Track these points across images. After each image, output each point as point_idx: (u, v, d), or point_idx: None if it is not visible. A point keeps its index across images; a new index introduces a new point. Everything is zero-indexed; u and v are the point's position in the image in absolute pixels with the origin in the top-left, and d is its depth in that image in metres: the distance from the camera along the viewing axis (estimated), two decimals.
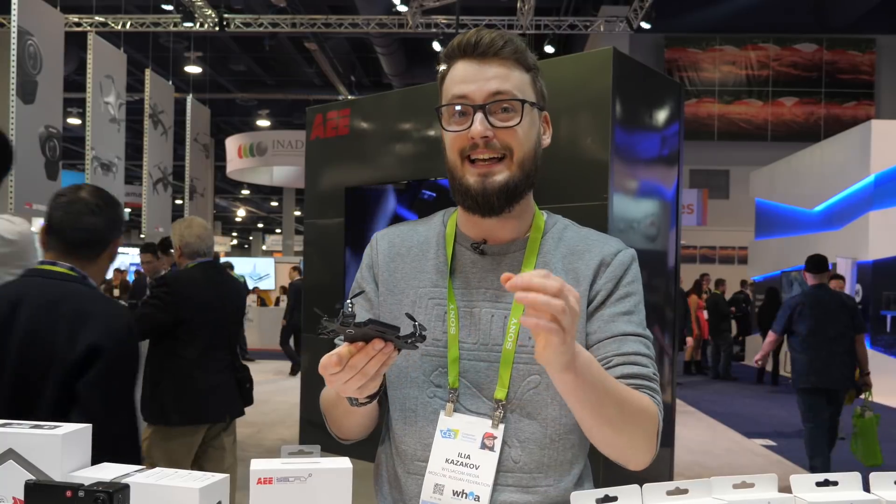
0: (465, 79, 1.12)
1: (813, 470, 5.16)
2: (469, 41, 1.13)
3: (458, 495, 1.09)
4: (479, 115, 1.10)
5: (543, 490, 1.11)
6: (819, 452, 5.05)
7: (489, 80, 1.11)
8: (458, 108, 1.12)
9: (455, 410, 1.12)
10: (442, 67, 1.18)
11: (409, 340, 0.94)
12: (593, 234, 1.22)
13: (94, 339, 1.66)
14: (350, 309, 0.90)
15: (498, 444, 1.10)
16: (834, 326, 5.02)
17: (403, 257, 1.23)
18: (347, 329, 0.89)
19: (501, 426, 1.11)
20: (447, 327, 1.15)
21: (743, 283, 13.57)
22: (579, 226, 1.25)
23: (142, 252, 5.49)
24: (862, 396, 5.08)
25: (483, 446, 1.10)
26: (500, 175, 1.11)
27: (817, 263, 5.19)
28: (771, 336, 5.39)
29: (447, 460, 1.11)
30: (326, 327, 0.90)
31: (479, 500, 1.08)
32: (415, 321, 0.96)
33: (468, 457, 1.10)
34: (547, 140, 1.21)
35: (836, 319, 5.04)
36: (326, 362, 0.93)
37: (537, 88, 1.17)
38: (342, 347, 0.93)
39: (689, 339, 10.99)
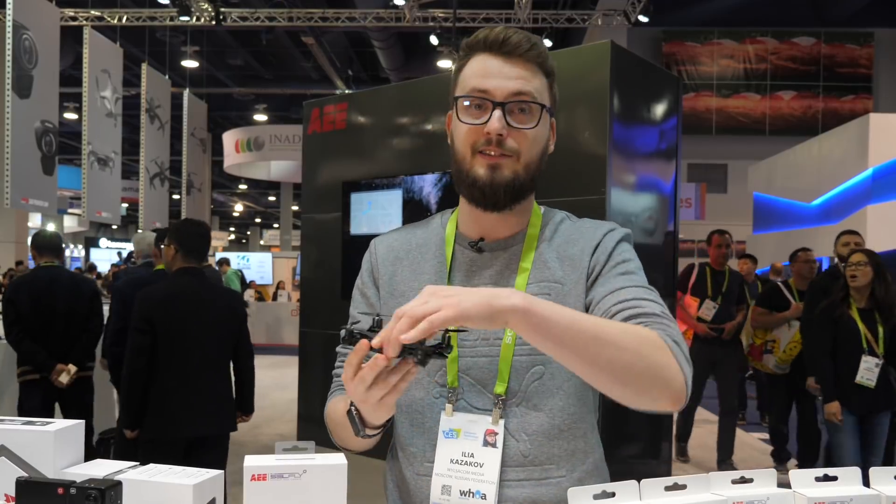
0: (487, 73, 1.11)
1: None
2: (497, 37, 1.11)
3: (465, 495, 1.08)
4: (497, 112, 1.09)
5: (556, 481, 1.10)
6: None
7: (512, 80, 1.11)
8: (477, 101, 1.11)
9: (458, 409, 1.12)
10: (460, 58, 1.17)
11: (437, 350, 0.93)
12: (587, 223, 1.22)
13: None
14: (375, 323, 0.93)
15: (500, 439, 1.09)
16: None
17: (402, 260, 1.23)
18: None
19: (502, 422, 1.10)
20: None
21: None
22: (575, 217, 1.25)
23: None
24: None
25: (486, 443, 1.09)
26: (508, 170, 1.11)
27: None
28: None
29: (452, 461, 1.10)
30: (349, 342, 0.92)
31: (486, 499, 1.07)
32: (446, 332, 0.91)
33: (472, 455, 1.09)
34: (552, 147, 1.22)
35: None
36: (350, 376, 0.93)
37: (552, 94, 1.18)
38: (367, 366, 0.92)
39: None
